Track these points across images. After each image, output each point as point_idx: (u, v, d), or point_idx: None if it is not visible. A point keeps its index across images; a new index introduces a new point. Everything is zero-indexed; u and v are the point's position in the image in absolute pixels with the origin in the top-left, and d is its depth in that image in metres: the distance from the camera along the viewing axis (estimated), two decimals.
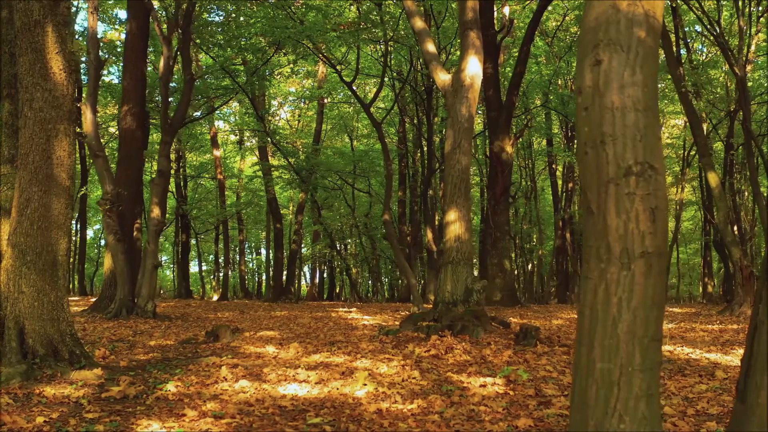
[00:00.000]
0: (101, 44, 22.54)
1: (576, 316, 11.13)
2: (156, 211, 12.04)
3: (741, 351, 7.44)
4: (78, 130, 18.74)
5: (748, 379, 2.14)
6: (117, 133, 23.56)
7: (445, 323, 8.29)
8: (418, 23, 10.17)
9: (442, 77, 9.56)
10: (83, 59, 15.21)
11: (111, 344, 7.83)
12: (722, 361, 6.71)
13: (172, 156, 28.42)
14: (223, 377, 5.63)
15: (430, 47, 9.93)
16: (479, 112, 21.72)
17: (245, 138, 28.00)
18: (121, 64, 14.69)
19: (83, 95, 14.60)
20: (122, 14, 25.58)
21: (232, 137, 29.72)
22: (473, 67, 9.28)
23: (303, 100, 27.94)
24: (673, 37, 18.60)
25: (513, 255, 30.24)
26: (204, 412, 4.54)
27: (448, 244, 8.88)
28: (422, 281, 22.41)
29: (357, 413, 4.58)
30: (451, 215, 8.96)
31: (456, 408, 4.66)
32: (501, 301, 17.65)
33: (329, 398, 5.04)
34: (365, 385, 5.31)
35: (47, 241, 5.55)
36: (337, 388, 5.31)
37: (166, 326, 10.57)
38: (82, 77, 17.74)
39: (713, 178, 12.95)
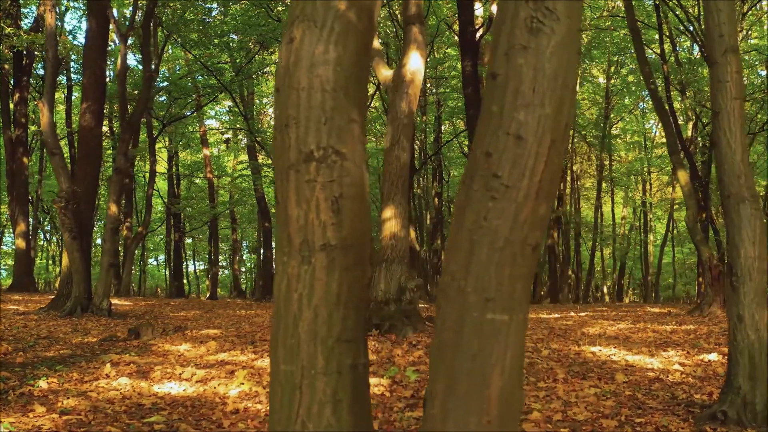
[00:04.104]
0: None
1: (542, 316, 10.84)
2: (113, 209, 12.01)
3: (671, 353, 7.17)
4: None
5: (428, 386, 1.96)
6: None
7: (374, 322, 8.12)
8: None
9: (384, 73, 9.39)
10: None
11: (33, 341, 7.78)
12: (640, 363, 6.45)
13: (165, 155, 28.60)
14: (105, 374, 5.53)
15: (374, 43, 9.76)
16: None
17: (236, 137, 27.99)
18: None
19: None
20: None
21: (226, 136, 29.76)
22: (414, 63, 9.08)
23: None
24: (656, 35, 18.23)
25: None
26: (54, 409, 4.44)
27: (384, 242, 8.71)
28: None
29: (210, 412, 4.45)
30: (388, 212, 8.78)
31: None
32: None
33: (198, 397, 4.91)
34: (242, 384, 5.18)
35: None
36: (214, 387, 5.18)
37: (114, 324, 10.51)
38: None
39: (683, 176, 12.59)
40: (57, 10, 21.53)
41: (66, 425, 4.08)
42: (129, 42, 19.60)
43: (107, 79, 17.73)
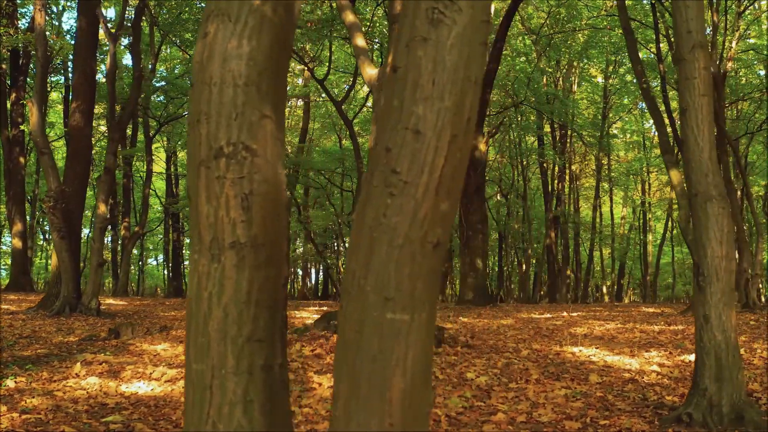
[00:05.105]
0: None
1: (534, 316, 10.74)
2: (102, 208, 12.01)
3: (653, 353, 7.11)
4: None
5: (333, 388, 1.92)
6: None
7: None
8: (349, 17, 9.96)
9: (369, 72, 9.33)
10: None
11: (13, 340, 7.78)
12: (618, 363, 6.39)
13: (163, 155, 28.61)
14: (75, 374, 5.52)
15: (360, 41, 9.72)
16: None
17: None
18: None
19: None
20: (110, 13, 25.73)
21: None
22: None
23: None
24: (653, 34, 18.11)
25: (507, 254, 29.87)
26: (16, 408, 4.42)
27: None
28: None
29: (172, 412, 4.42)
30: None
31: None
32: (473, 300, 17.32)
33: (164, 396, 4.88)
34: None
35: None
36: (182, 387, 5.16)
37: (101, 324, 10.50)
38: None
39: (675, 176, 12.49)
40: (54, 9, 21.63)
41: (24, 424, 4.07)
42: (125, 41, 19.68)
43: (102, 79, 17.78)
